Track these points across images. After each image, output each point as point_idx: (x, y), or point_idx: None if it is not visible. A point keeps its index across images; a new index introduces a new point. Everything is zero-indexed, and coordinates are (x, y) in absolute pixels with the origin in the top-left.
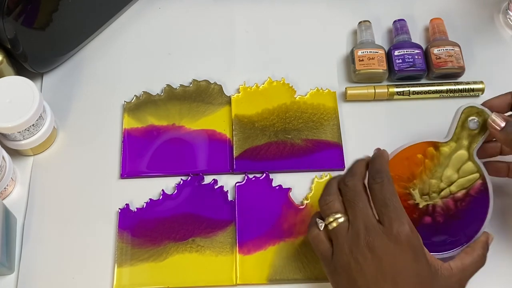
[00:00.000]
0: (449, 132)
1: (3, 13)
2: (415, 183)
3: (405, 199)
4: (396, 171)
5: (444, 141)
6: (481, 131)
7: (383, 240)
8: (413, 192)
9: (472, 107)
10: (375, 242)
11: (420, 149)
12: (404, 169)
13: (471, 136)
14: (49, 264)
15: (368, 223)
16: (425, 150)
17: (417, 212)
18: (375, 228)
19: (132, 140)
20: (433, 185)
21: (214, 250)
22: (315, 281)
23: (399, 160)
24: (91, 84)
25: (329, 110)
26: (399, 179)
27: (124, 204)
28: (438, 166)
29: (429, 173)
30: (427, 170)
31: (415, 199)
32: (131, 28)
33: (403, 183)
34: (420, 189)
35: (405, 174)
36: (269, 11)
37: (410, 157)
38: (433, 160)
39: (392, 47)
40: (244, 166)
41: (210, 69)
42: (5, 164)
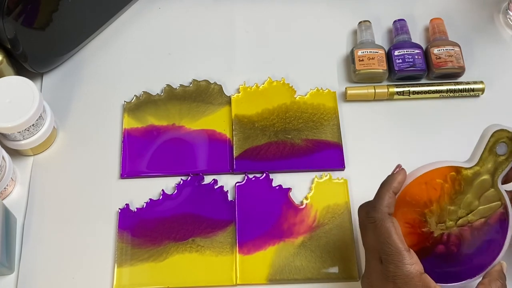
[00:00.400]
0: (474, 155)
1: (3, 13)
2: (432, 210)
3: (420, 226)
4: (413, 195)
5: (468, 165)
6: (509, 157)
7: (381, 280)
8: (429, 220)
9: (502, 131)
10: (373, 281)
11: (441, 174)
12: (421, 194)
13: (498, 161)
14: (49, 264)
15: (372, 260)
16: (446, 175)
17: (431, 240)
18: (376, 267)
19: (132, 140)
20: (451, 212)
21: (214, 250)
22: (315, 281)
23: (418, 184)
24: (91, 84)
25: (329, 110)
26: (416, 204)
27: (124, 204)
28: (459, 192)
29: (448, 199)
30: (446, 196)
31: (430, 227)
32: (131, 28)
33: (419, 209)
34: (437, 216)
35: (423, 200)
36: (269, 11)
37: (429, 181)
38: (454, 185)
39: (392, 47)
40: (244, 166)
41: (210, 69)
42: (5, 164)
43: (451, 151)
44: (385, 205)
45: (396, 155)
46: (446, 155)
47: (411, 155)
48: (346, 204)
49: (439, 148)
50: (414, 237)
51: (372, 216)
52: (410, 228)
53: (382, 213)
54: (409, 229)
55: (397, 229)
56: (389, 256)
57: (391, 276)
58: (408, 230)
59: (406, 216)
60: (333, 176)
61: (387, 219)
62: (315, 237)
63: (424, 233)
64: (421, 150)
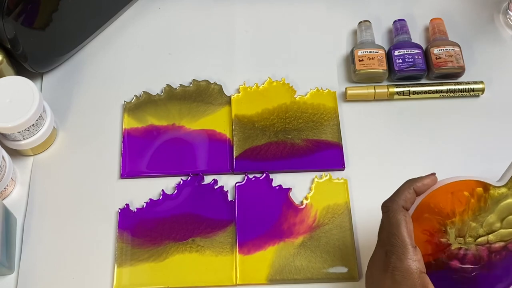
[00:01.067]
0: (505, 176)
1: (3, 13)
2: (453, 222)
3: (439, 236)
4: (437, 203)
5: (497, 184)
6: None
7: (381, 272)
8: (449, 230)
9: None
10: (374, 272)
11: (469, 187)
12: (446, 204)
13: None
14: (49, 264)
15: (379, 251)
16: (474, 189)
17: (447, 253)
18: (380, 257)
19: (132, 140)
20: (472, 228)
21: (214, 250)
22: (315, 281)
23: (444, 193)
24: (91, 84)
25: (329, 110)
26: (438, 212)
27: (124, 204)
28: (483, 209)
29: (471, 215)
30: (470, 211)
31: (448, 239)
32: (131, 28)
33: (441, 218)
34: (458, 229)
35: (446, 209)
36: (269, 11)
37: (456, 192)
38: (480, 202)
39: (392, 47)
40: (244, 166)
41: (210, 69)
42: (5, 164)
43: (451, 151)
44: (402, 198)
45: (396, 155)
46: (446, 155)
47: (411, 155)
48: (346, 204)
49: (439, 148)
50: (431, 246)
51: (386, 206)
52: (428, 236)
53: (397, 204)
54: (427, 236)
55: (408, 224)
56: (394, 247)
57: (391, 268)
58: (425, 238)
59: (427, 222)
60: (333, 176)
61: (399, 211)
62: (315, 237)
63: (442, 244)
64: (421, 150)
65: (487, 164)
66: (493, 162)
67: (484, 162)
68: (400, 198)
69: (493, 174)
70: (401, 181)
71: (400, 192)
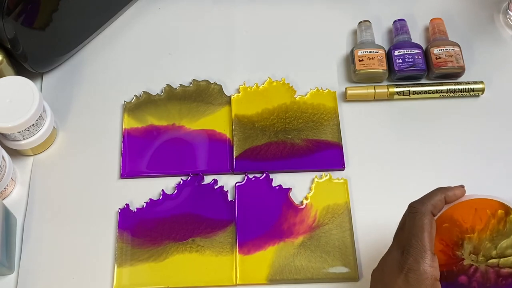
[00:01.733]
0: None
1: (3, 13)
2: (471, 238)
3: (454, 248)
4: (460, 216)
5: None
6: None
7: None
8: (465, 245)
9: None
10: (386, 271)
11: (493, 207)
12: (468, 218)
13: None
14: (49, 264)
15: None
16: (496, 210)
17: (458, 266)
18: (395, 257)
19: (132, 140)
20: (487, 248)
21: (214, 250)
22: (315, 281)
23: (468, 207)
24: (91, 84)
25: (329, 110)
26: (459, 225)
27: (124, 204)
28: (501, 232)
29: (489, 235)
30: (488, 231)
31: (463, 253)
32: (131, 28)
33: (461, 231)
34: (473, 246)
35: (467, 224)
36: (269, 11)
37: (479, 209)
38: (499, 224)
39: (392, 47)
40: (244, 166)
41: (210, 69)
42: (5, 164)
43: (451, 151)
44: (432, 203)
45: (396, 155)
46: (446, 155)
47: (411, 155)
48: (346, 204)
49: (439, 148)
50: (444, 257)
51: (415, 207)
52: (444, 246)
53: (426, 208)
54: (443, 246)
55: (432, 229)
56: (413, 249)
57: (406, 269)
58: (441, 247)
59: (445, 233)
60: (333, 176)
61: (427, 215)
62: (315, 237)
63: (455, 257)
64: (421, 150)
65: (487, 164)
66: (492, 162)
67: (484, 162)
68: (431, 202)
69: (493, 174)
70: (401, 181)
71: (431, 197)
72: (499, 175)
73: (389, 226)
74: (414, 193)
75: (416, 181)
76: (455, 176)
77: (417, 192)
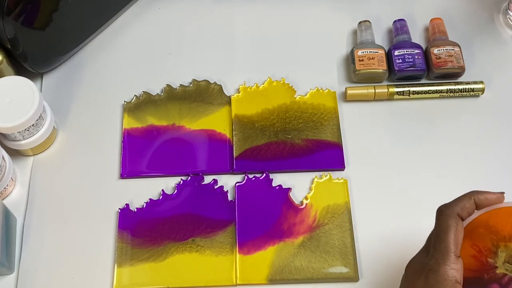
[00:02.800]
0: None
1: (3, 13)
2: (507, 246)
3: (487, 255)
4: (497, 222)
5: None
6: None
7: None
8: (500, 253)
9: None
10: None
11: None
12: (505, 226)
13: None
14: (49, 264)
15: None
16: None
17: (490, 274)
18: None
19: (132, 140)
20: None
21: (214, 250)
22: (315, 281)
23: (506, 214)
24: (91, 84)
25: (329, 110)
26: (495, 232)
27: (124, 204)
28: None
29: None
30: None
31: (496, 261)
32: (131, 28)
33: (496, 238)
34: (509, 255)
35: (504, 232)
36: (269, 11)
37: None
38: None
39: (392, 47)
40: (244, 166)
41: (210, 69)
42: (5, 164)
43: (451, 151)
44: (460, 205)
45: (396, 155)
46: (446, 155)
47: (411, 155)
48: (346, 204)
49: (439, 148)
50: (477, 263)
51: (441, 210)
52: (477, 252)
53: (451, 210)
54: (476, 252)
55: (458, 232)
56: (436, 251)
57: (427, 269)
58: (473, 253)
59: (479, 238)
60: (333, 176)
61: (452, 218)
62: (315, 237)
63: (488, 264)
64: (421, 150)
65: (487, 164)
66: (493, 162)
67: (484, 162)
68: (457, 205)
69: (493, 173)
70: (401, 181)
71: (459, 200)
72: (499, 175)
73: (389, 226)
74: (414, 193)
75: (416, 181)
76: (455, 176)
77: (417, 192)
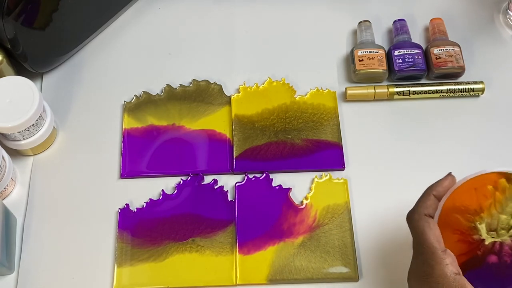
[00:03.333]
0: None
1: (3, 13)
2: (482, 217)
3: (470, 233)
4: (462, 201)
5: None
6: None
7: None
8: (479, 226)
9: None
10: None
11: (491, 180)
12: (471, 200)
13: None
14: (49, 264)
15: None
16: (496, 182)
17: (482, 249)
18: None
19: (132, 140)
20: (503, 220)
21: (214, 250)
22: (315, 281)
23: (467, 190)
24: (91, 84)
25: (329, 110)
26: (465, 210)
27: (124, 204)
28: (510, 199)
29: (499, 207)
30: (497, 204)
31: (480, 234)
32: (131, 28)
33: (469, 215)
34: (488, 223)
35: (472, 206)
36: (269, 11)
37: (479, 187)
38: (505, 193)
39: (392, 47)
40: (244, 166)
41: (210, 69)
42: (5, 164)
43: (451, 151)
44: (423, 206)
45: (396, 155)
46: (446, 155)
47: (411, 155)
48: (346, 204)
49: (439, 148)
50: (464, 245)
51: (409, 217)
52: (460, 235)
53: (417, 213)
54: (459, 236)
55: (433, 229)
56: (424, 256)
57: (425, 276)
58: (458, 238)
59: (455, 222)
60: (333, 176)
61: (421, 219)
62: (315, 237)
63: (475, 241)
64: (421, 150)
65: (487, 164)
66: (493, 162)
67: (484, 162)
68: (421, 206)
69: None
70: (401, 180)
71: (421, 201)
72: None
73: (389, 226)
74: (413, 193)
75: (416, 181)
76: (455, 176)
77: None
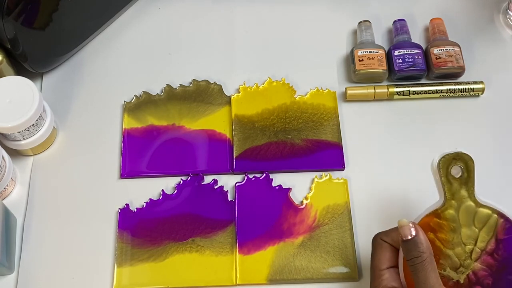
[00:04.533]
0: (440, 193)
1: (3, 13)
2: (442, 264)
3: (446, 280)
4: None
5: (442, 205)
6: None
7: None
8: (445, 273)
9: (445, 156)
10: None
11: (427, 226)
12: None
13: (463, 183)
14: (49, 264)
15: None
16: (429, 225)
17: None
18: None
19: (132, 140)
20: (460, 254)
21: (214, 250)
22: (315, 281)
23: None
24: (91, 84)
25: (329, 110)
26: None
27: (124, 204)
28: (452, 232)
29: (449, 245)
30: (444, 243)
31: (452, 278)
32: (131, 28)
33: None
34: (450, 265)
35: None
36: (269, 11)
37: None
38: (443, 229)
39: (392, 47)
40: (244, 166)
41: (210, 69)
42: (5, 164)
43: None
44: (384, 232)
45: (396, 155)
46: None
47: (410, 155)
48: (346, 204)
49: (439, 148)
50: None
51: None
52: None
53: (376, 236)
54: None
55: (377, 249)
56: (371, 275)
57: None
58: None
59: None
60: (333, 176)
61: (376, 241)
62: (315, 237)
63: (455, 284)
64: (421, 150)
65: (487, 164)
66: (492, 162)
67: (484, 162)
68: (381, 232)
69: (493, 174)
70: (401, 181)
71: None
72: (499, 175)
73: (389, 226)
74: (413, 193)
75: (416, 181)
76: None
77: (417, 192)
